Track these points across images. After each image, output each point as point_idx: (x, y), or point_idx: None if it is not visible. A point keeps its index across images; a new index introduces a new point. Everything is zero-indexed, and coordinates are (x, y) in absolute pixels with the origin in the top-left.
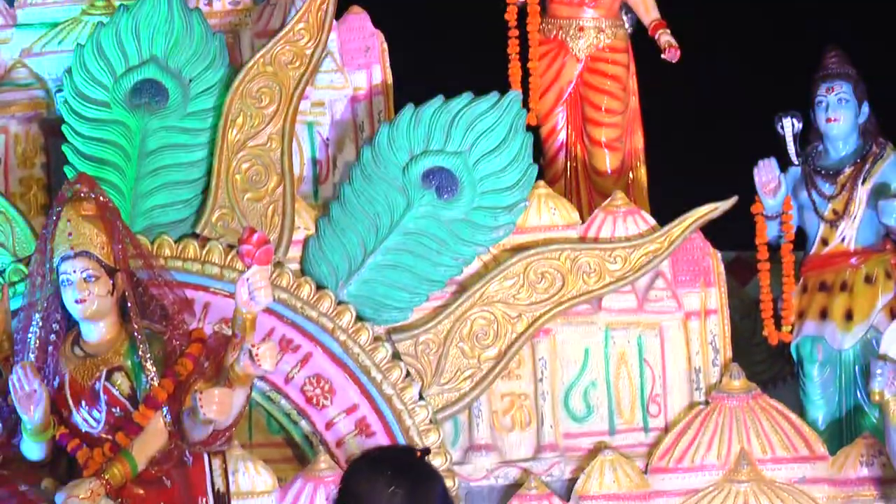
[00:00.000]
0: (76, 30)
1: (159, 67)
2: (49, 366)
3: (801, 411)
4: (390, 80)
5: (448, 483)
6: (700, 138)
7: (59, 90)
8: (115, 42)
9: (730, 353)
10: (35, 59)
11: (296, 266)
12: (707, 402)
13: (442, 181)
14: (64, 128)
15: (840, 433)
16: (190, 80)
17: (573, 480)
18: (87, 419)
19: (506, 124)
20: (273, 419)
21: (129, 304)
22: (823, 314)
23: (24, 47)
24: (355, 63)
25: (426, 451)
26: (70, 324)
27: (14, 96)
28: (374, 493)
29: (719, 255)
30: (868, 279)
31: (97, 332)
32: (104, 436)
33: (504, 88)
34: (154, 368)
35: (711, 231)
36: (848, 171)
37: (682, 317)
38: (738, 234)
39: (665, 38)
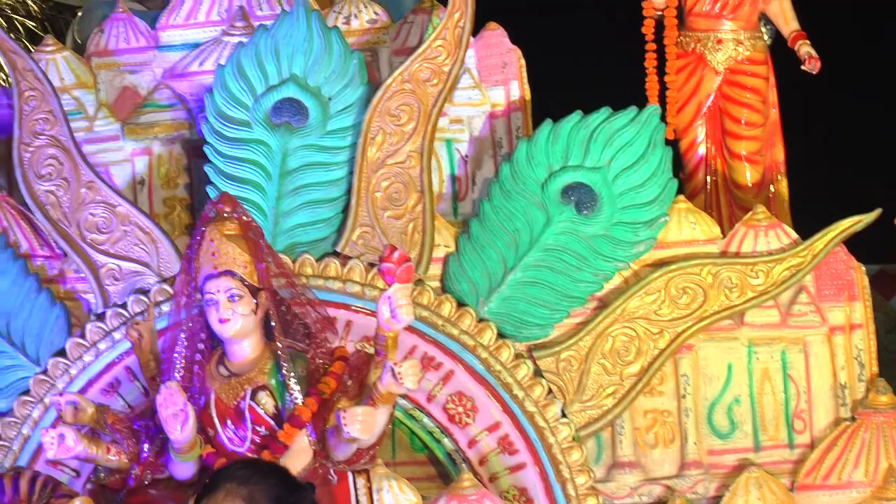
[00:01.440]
0: (217, 50)
1: (299, 86)
2: (195, 385)
3: None
4: (528, 96)
5: (592, 502)
6: (842, 150)
7: (201, 110)
8: (255, 62)
9: (875, 368)
10: (177, 81)
11: (436, 283)
12: (853, 418)
13: (581, 197)
14: (206, 148)
15: None
16: (329, 99)
17: (718, 498)
18: (233, 438)
19: (644, 139)
20: (416, 437)
21: (272, 323)
22: None
23: (166, 69)
24: (493, 79)
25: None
26: (215, 343)
27: (157, 117)
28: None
29: (863, 268)
30: None
31: (241, 351)
32: (249, 455)
33: (642, 103)
34: (298, 387)
35: (855, 244)
36: None
37: (826, 331)
38: (881, 246)
39: (805, 49)
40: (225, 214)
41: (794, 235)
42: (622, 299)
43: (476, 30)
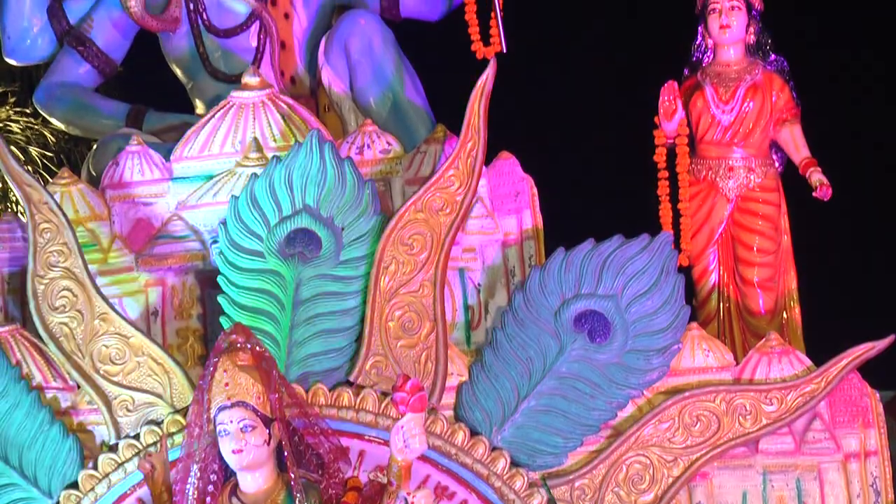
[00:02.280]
0: (231, 182)
1: (312, 217)
2: None
3: None
4: (541, 225)
5: None
6: (854, 276)
7: (215, 241)
8: (268, 192)
9: (892, 496)
10: (191, 212)
11: (450, 412)
12: None
13: (594, 325)
14: (219, 278)
15: None
16: (342, 229)
17: None
18: None
19: (657, 266)
20: None
21: (285, 454)
22: None
23: (180, 200)
24: (505, 208)
25: None
26: (227, 474)
27: (170, 248)
28: None
29: (877, 394)
30: None
31: (254, 481)
32: None
33: (655, 230)
34: None
35: (869, 370)
36: None
37: (841, 458)
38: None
39: (816, 176)
40: (238, 345)
41: (808, 362)
42: (636, 427)
43: (489, 159)
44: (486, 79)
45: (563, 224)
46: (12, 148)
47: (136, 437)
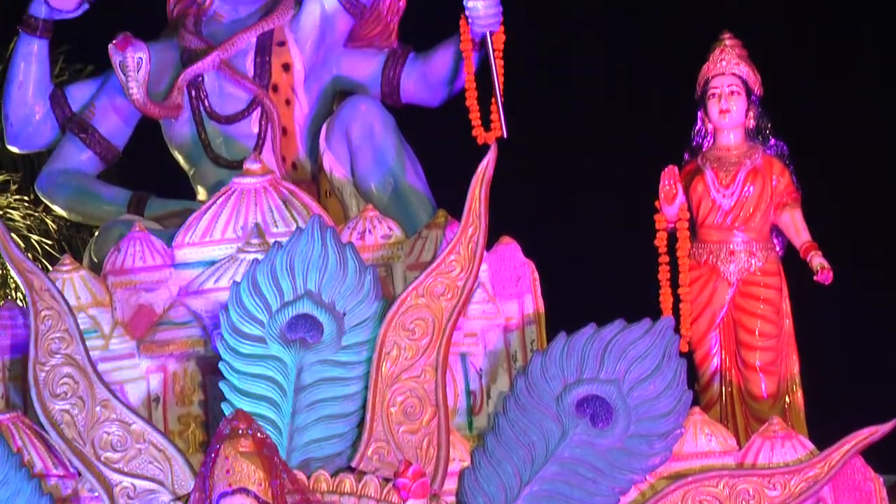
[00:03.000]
0: (232, 268)
1: (314, 302)
2: None
3: None
4: (542, 309)
5: None
6: (856, 360)
7: (216, 327)
8: (270, 278)
9: None
10: (193, 298)
11: (452, 498)
12: None
13: (596, 409)
14: (221, 365)
15: None
16: (344, 314)
17: None
18: None
19: (659, 351)
20: None
21: None
22: None
23: (181, 286)
24: (507, 293)
25: None
26: None
27: (172, 335)
28: None
29: (881, 479)
30: None
31: None
32: None
33: (656, 314)
34: None
35: (872, 455)
36: None
37: None
38: None
39: (817, 260)
40: (240, 431)
41: (811, 446)
42: None
43: (490, 244)
44: (487, 164)
45: (565, 309)
46: (14, 235)
47: None
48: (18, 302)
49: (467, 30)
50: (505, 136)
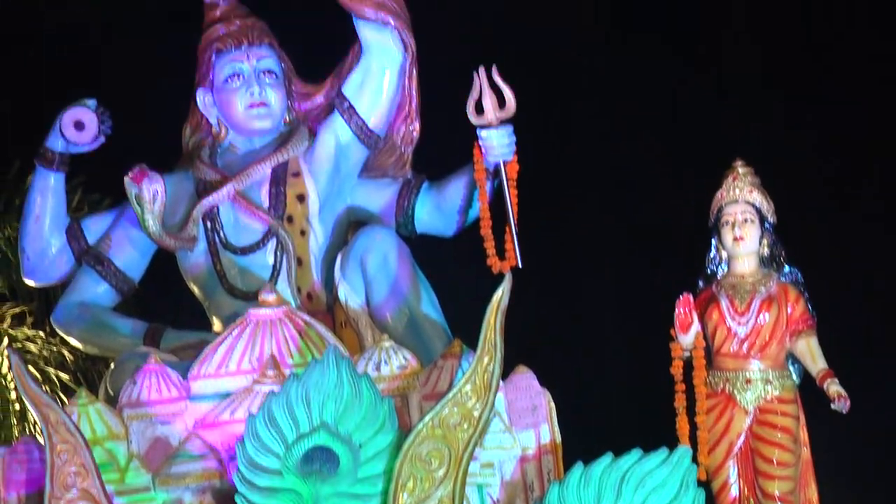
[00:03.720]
0: (248, 399)
1: (330, 434)
2: None
3: None
4: (559, 439)
5: None
6: (876, 485)
7: (233, 460)
8: (286, 410)
9: None
10: (208, 431)
11: None
12: None
13: None
14: (237, 497)
15: None
16: (360, 446)
17: None
18: None
19: (676, 480)
20: None
21: None
22: None
23: (197, 419)
24: (523, 422)
25: None
26: None
27: (188, 468)
28: None
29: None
30: None
31: None
32: None
33: (673, 443)
34: None
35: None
36: None
37: None
38: None
39: (834, 388)
40: None
41: None
42: None
43: (505, 373)
44: (502, 293)
45: (581, 438)
46: (30, 368)
47: None
48: (38, 437)
49: (481, 159)
50: (520, 265)
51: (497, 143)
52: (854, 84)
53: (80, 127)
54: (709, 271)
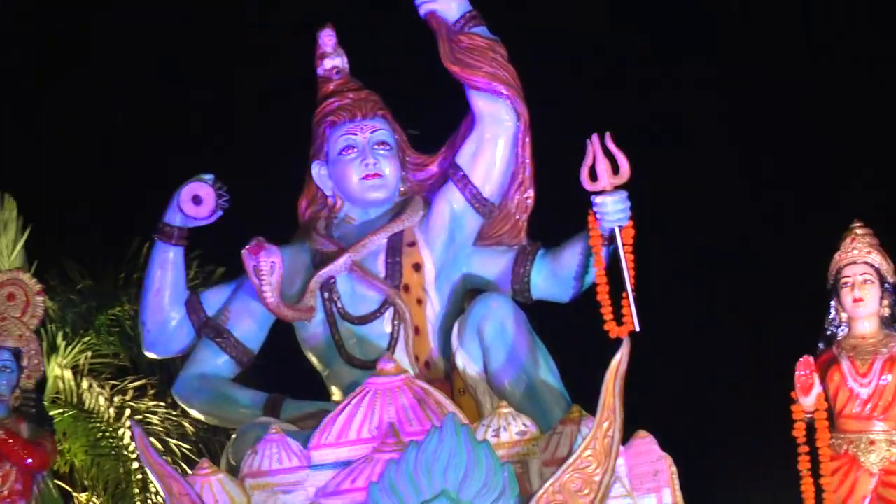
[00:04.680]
0: (368, 468)
1: (451, 501)
2: None
3: None
4: (681, 503)
5: None
6: None
7: None
8: (406, 478)
9: None
10: (330, 499)
11: None
12: None
13: None
14: None
15: None
16: None
17: None
18: None
19: None
20: None
21: None
22: None
23: (318, 487)
24: (644, 487)
25: None
26: None
27: None
28: None
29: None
30: None
31: None
32: None
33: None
34: None
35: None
36: None
37: None
38: None
39: None
40: None
41: None
42: None
43: (625, 438)
44: (621, 358)
45: (703, 502)
46: (152, 439)
47: None
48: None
49: (596, 225)
50: (637, 329)
51: (612, 209)
52: None
53: (197, 201)
54: (829, 333)
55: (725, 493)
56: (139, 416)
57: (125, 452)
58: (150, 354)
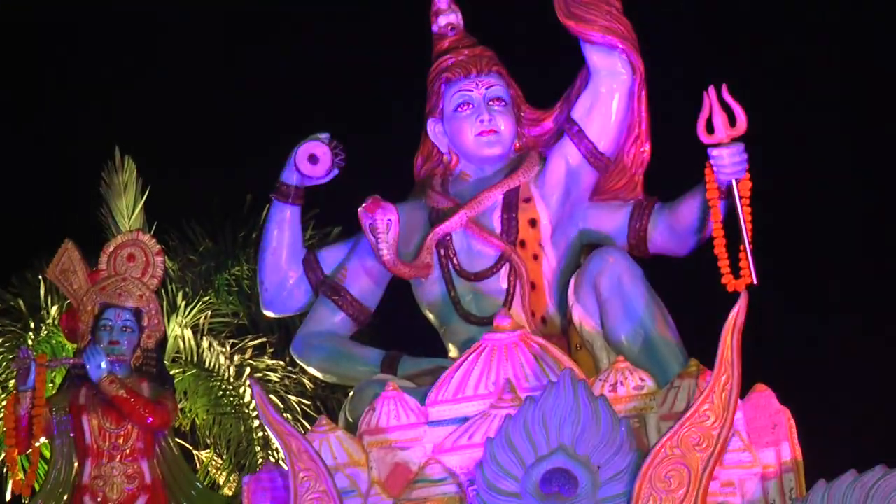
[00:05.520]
0: (485, 424)
1: (568, 455)
2: None
3: None
4: (800, 457)
5: None
6: None
7: (472, 484)
8: (523, 433)
9: None
10: (447, 455)
11: None
12: None
13: None
14: None
15: None
16: (598, 467)
17: None
18: None
19: None
20: None
21: None
22: None
23: (436, 443)
24: (763, 441)
25: None
26: None
27: (428, 492)
28: None
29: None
30: None
31: None
32: None
33: None
34: None
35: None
36: None
37: None
38: None
39: None
40: None
41: None
42: None
43: (743, 391)
44: (738, 312)
45: (824, 455)
46: (271, 397)
47: None
48: (281, 464)
49: (713, 178)
50: (755, 282)
51: (729, 162)
52: None
53: (314, 160)
54: None
55: (845, 446)
56: (259, 375)
57: (246, 410)
58: (268, 313)
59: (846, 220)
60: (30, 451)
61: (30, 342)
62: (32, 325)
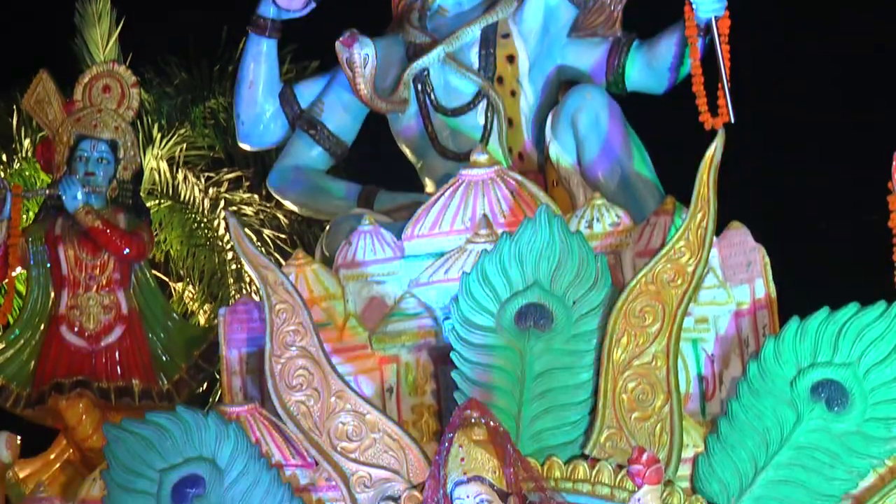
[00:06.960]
0: (461, 258)
1: (543, 291)
2: None
3: None
4: (774, 294)
5: None
6: None
7: (447, 318)
8: (499, 268)
9: None
10: (423, 289)
11: (686, 484)
12: None
13: (831, 393)
14: (452, 355)
15: None
16: (574, 303)
17: None
18: None
19: (895, 333)
20: None
21: None
22: None
23: (412, 278)
24: (738, 278)
25: None
26: None
27: (404, 326)
28: None
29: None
30: None
31: None
32: None
33: (892, 297)
34: None
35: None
36: None
37: None
38: None
39: None
40: (473, 420)
41: None
42: (878, 497)
43: (719, 229)
44: (715, 150)
45: (797, 292)
46: (247, 230)
47: None
48: (254, 296)
49: (692, 16)
50: (732, 121)
51: None
52: None
53: None
54: None
55: (818, 284)
56: (234, 208)
57: (220, 243)
58: (244, 146)
59: (826, 60)
60: (5, 280)
61: (1, 174)
62: (4, 158)
